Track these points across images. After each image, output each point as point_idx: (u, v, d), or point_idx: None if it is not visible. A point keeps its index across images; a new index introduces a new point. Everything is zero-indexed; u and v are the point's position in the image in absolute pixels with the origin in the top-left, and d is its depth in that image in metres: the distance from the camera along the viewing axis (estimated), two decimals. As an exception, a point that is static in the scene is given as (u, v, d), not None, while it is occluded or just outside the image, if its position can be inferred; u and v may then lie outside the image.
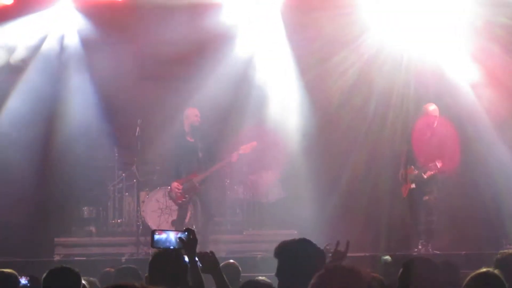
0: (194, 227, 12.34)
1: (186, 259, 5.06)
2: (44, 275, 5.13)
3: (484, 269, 4.50)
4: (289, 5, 13.17)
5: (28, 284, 5.81)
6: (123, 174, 13.31)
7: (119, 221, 13.31)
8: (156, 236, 4.92)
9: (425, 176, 11.59)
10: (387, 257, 9.00)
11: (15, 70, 13.22)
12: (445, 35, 12.79)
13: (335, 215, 12.88)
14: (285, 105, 13.43)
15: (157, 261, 5.10)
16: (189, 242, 4.99)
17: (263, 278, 5.88)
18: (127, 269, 6.95)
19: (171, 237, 4.96)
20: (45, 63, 13.33)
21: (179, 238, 4.94)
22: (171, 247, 4.97)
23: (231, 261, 7.33)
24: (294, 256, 4.76)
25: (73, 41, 13.47)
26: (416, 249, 11.61)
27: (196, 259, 5.06)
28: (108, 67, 13.05)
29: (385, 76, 13.06)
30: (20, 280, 5.79)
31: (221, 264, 7.12)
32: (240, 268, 7.12)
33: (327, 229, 11.66)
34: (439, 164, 11.51)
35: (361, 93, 13.28)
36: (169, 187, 12.16)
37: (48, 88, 13.26)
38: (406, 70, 12.97)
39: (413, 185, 11.71)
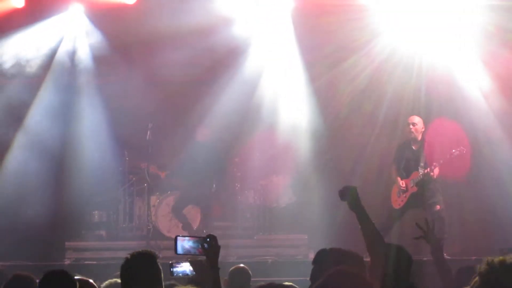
0: (204, 231, 12.37)
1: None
2: (41, 278, 5.00)
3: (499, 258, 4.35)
4: (299, 11, 13.16)
5: None
6: (134, 178, 13.32)
7: (129, 225, 13.33)
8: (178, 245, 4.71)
9: (434, 176, 11.45)
10: None
11: (27, 78, 13.27)
12: (456, 40, 12.77)
13: (345, 219, 12.83)
14: (295, 110, 13.43)
15: (128, 265, 4.90)
16: (211, 250, 4.66)
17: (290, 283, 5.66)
18: None
19: (187, 245, 4.70)
20: (56, 70, 13.40)
21: (201, 245, 4.63)
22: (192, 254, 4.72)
23: (241, 265, 7.28)
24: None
25: (84, 48, 13.51)
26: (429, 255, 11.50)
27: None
28: (119, 73, 13.11)
29: (396, 81, 13.04)
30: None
31: (231, 269, 7.14)
32: (250, 272, 7.09)
33: (337, 233, 11.65)
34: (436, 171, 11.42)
35: (372, 98, 13.27)
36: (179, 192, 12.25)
37: (59, 93, 13.31)
38: (417, 75, 12.96)
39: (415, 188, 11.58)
